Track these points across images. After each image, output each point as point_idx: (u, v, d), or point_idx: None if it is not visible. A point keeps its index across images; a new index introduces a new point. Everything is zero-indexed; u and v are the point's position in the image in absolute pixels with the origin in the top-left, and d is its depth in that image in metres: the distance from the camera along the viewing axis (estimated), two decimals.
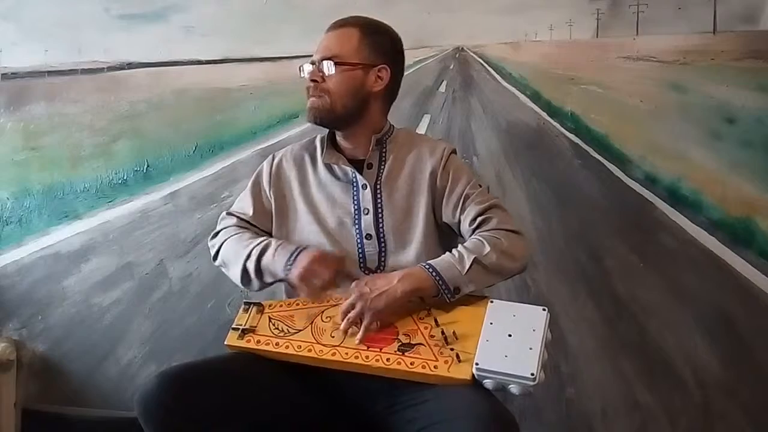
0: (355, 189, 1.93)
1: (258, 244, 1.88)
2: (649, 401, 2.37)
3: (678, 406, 2.35)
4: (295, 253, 1.81)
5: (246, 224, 1.99)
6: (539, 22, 2.43)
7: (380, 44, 1.94)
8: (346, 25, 1.93)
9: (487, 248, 1.76)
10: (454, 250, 1.79)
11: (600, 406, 2.41)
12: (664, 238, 2.35)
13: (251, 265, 1.86)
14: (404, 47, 2.00)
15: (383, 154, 1.96)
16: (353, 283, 1.77)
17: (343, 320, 1.75)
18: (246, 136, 2.68)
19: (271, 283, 1.90)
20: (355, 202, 1.92)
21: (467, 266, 1.73)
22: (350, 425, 1.82)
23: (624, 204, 2.40)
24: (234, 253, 1.92)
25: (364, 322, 1.72)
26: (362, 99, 1.93)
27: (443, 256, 1.79)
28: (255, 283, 1.89)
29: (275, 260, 1.83)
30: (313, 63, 1.91)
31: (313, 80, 1.89)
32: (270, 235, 1.98)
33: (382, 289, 1.73)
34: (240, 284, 1.92)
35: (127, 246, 2.75)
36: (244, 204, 2.02)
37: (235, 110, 2.70)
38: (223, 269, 1.97)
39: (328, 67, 1.88)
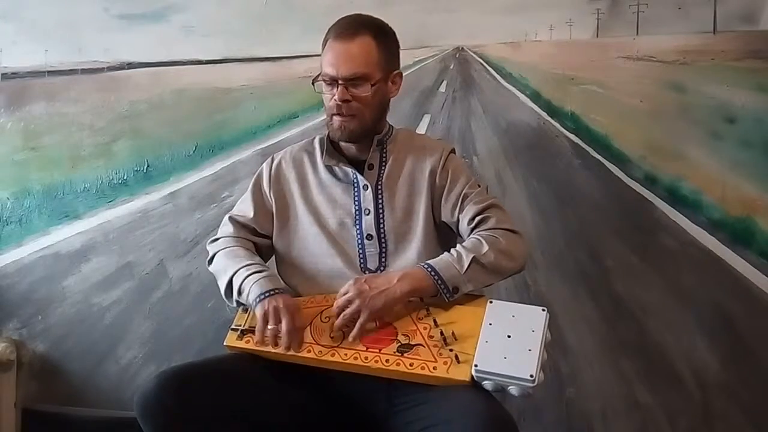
0: (355, 190, 1.93)
1: (249, 265, 1.86)
2: (649, 401, 2.37)
3: (678, 406, 2.35)
4: (274, 291, 1.80)
5: (244, 230, 2.00)
6: (539, 22, 2.43)
7: (391, 48, 1.94)
8: (359, 33, 1.86)
9: (486, 247, 1.76)
10: (452, 250, 1.79)
11: (600, 406, 2.41)
12: (664, 238, 2.35)
13: (237, 282, 1.85)
14: (404, 47, 2.01)
15: (383, 155, 1.97)
16: (351, 280, 1.77)
17: (338, 316, 1.75)
18: (246, 136, 2.68)
19: (240, 305, 1.89)
20: (356, 203, 1.92)
21: (466, 265, 1.73)
22: (349, 426, 1.82)
23: (624, 204, 2.39)
24: (224, 267, 1.91)
25: (360, 320, 1.72)
26: (384, 108, 1.96)
27: (442, 255, 1.79)
28: (234, 299, 1.87)
29: (255, 286, 1.81)
30: (334, 80, 1.86)
31: (343, 101, 1.86)
32: (270, 238, 1.99)
33: (381, 288, 1.73)
34: (223, 296, 1.90)
35: (127, 246, 2.75)
36: (245, 206, 2.03)
37: (235, 110, 2.69)
38: (215, 277, 1.97)
39: (365, 86, 1.86)
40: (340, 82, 1.85)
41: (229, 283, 1.86)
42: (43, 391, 2.82)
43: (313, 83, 1.93)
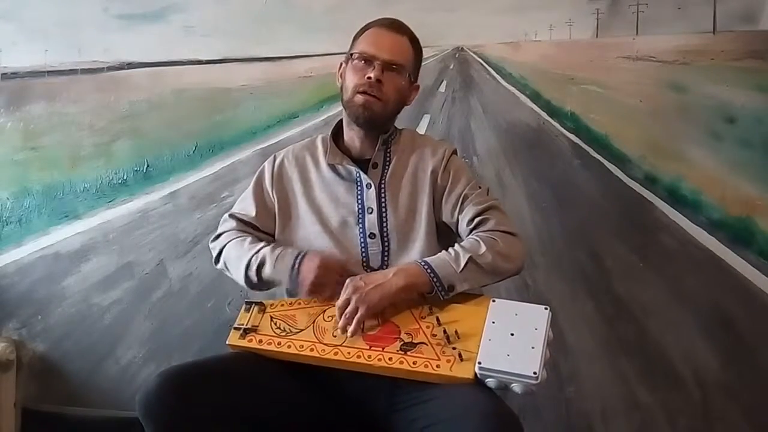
0: (359, 188, 1.93)
1: (256, 253, 1.88)
2: (649, 401, 2.37)
3: (678, 406, 2.35)
4: (297, 264, 1.81)
5: (247, 227, 2.00)
6: (539, 22, 2.44)
7: (419, 61, 2.02)
8: (403, 34, 1.95)
9: (483, 248, 1.76)
10: (450, 249, 1.79)
11: (600, 406, 2.41)
12: (664, 238, 2.36)
13: (252, 274, 1.87)
14: None
15: (387, 154, 1.97)
16: (347, 279, 1.77)
17: (340, 317, 1.75)
18: (246, 136, 2.68)
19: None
20: (359, 202, 1.92)
21: (462, 265, 1.74)
22: (352, 424, 1.82)
23: (624, 204, 2.40)
24: (234, 260, 1.93)
25: (357, 315, 1.72)
26: (400, 110, 1.99)
27: (439, 254, 1.79)
28: (261, 287, 1.91)
29: (277, 271, 1.84)
30: (372, 59, 1.90)
31: (377, 80, 1.88)
32: (272, 236, 1.99)
33: (376, 282, 1.74)
34: (244, 285, 1.92)
35: (127, 246, 2.75)
36: (246, 205, 2.02)
37: (235, 110, 2.70)
38: (226, 273, 1.98)
39: (400, 75, 1.92)
40: (378, 63, 1.89)
41: (247, 277, 1.88)
42: (43, 391, 2.81)
43: (347, 61, 1.96)
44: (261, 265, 1.86)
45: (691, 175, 2.34)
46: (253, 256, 1.88)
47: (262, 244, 1.92)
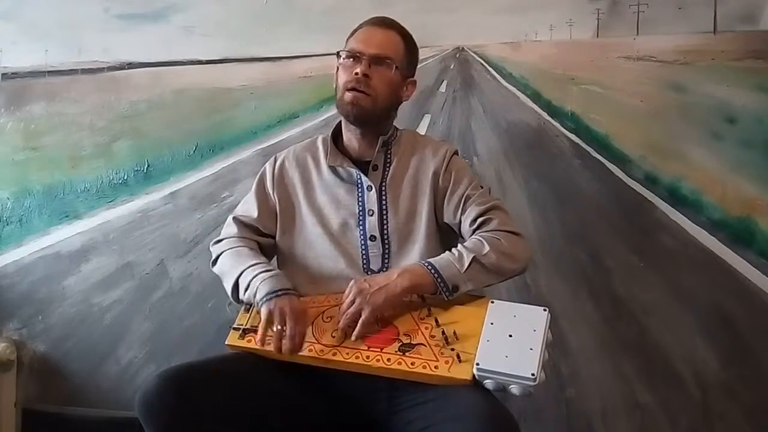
0: (359, 190, 1.93)
1: (256, 264, 1.86)
2: (649, 401, 2.37)
3: (678, 406, 2.35)
4: (282, 291, 1.79)
5: (249, 230, 1.99)
6: (539, 22, 2.43)
7: (413, 55, 2.00)
8: (392, 29, 1.95)
9: (487, 248, 1.76)
10: (453, 249, 1.79)
11: (600, 406, 2.40)
12: (664, 238, 2.35)
13: (243, 282, 1.84)
14: None
15: (388, 156, 1.97)
16: (352, 281, 1.77)
17: (342, 318, 1.74)
18: (246, 136, 2.68)
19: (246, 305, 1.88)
20: (360, 204, 1.92)
21: (466, 265, 1.73)
22: (350, 426, 1.81)
23: (624, 204, 2.39)
24: (230, 266, 1.91)
25: (362, 317, 1.71)
26: (394, 106, 1.98)
27: (443, 254, 1.79)
28: (241, 298, 1.87)
29: (262, 286, 1.79)
30: (360, 55, 1.89)
31: (364, 75, 1.87)
32: (274, 237, 1.99)
33: (381, 284, 1.73)
34: (230, 297, 1.90)
35: (128, 246, 2.75)
36: (249, 206, 2.02)
37: (235, 110, 2.70)
38: (221, 277, 1.97)
39: (388, 68, 1.90)
40: (365, 58, 1.88)
41: (236, 283, 1.86)
42: (43, 391, 2.82)
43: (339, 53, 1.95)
44: (256, 275, 1.82)
45: (691, 175, 2.33)
46: (249, 267, 1.85)
47: (262, 259, 1.91)
